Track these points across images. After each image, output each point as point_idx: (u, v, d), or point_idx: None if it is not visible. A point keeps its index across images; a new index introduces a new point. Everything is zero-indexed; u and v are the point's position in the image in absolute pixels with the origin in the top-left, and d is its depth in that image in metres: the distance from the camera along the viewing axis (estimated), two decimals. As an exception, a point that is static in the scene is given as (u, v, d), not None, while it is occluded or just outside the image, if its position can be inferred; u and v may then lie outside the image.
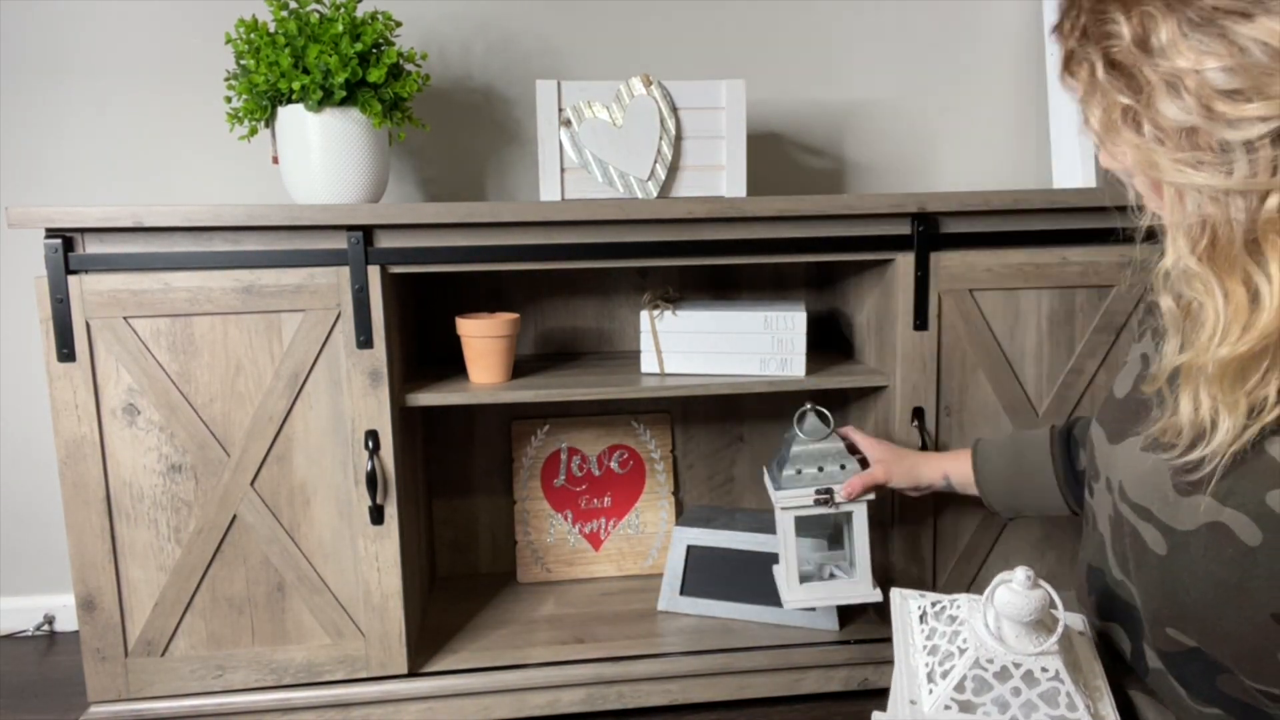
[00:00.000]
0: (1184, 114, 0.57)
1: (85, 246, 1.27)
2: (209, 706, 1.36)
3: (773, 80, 1.82)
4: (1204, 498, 0.64)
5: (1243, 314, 0.58)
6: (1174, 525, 0.66)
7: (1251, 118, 0.55)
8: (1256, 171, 0.56)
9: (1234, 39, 0.55)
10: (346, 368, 1.33)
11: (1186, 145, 0.58)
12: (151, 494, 1.32)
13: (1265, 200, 0.56)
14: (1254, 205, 0.56)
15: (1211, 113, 0.56)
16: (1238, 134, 0.56)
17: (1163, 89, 0.57)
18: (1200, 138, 0.57)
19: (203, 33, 1.68)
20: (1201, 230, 0.59)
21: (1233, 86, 0.55)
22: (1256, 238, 0.57)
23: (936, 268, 1.41)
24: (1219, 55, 0.55)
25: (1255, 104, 0.55)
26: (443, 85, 1.75)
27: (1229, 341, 0.59)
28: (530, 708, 1.44)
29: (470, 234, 1.35)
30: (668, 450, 1.81)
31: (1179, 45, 0.56)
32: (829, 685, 1.50)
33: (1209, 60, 0.55)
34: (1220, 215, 0.57)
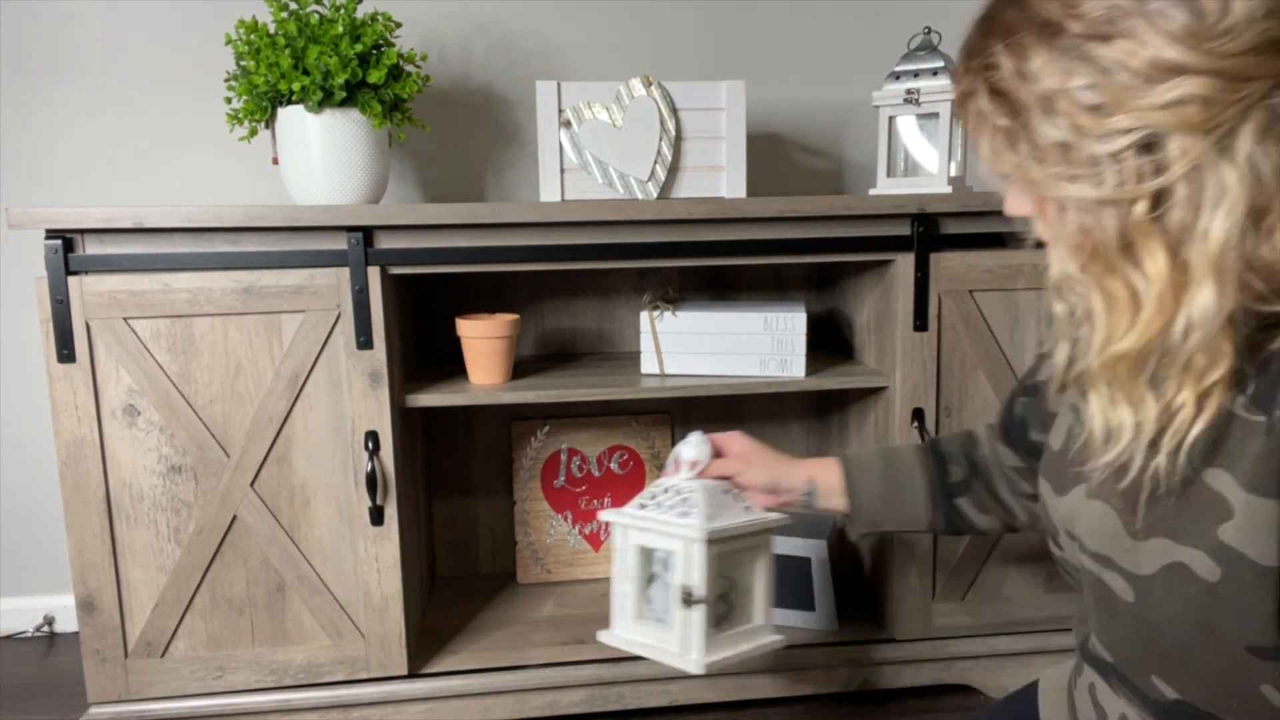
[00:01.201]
0: (1057, 131, 0.62)
1: (85, 247, 1.27)
2: (209, 707, 1.36)
3: (773, 80, 1.82)
4: (1161, 539, 0.65)
5: (1126, 313, 0.62)
6: (1136, 571, 0.67)
7: (1115, 131, 0.60)
8: (1124, 180, 0.60)
9: (1096, 60, 0.60)
10: (346, 368, 1.33)
11: (1062, 161, 0.62)
12: (151, 495, 1.32)
13: (1134, 206, 0.60)
14: (1124, 212, 0.61)
15: (1080, 129, 0.61)
16: (1104, 147, 0.60)
17: (1038, 110, 0.63)
18: (1073, 153, 0.62)
19: (203, 33, 1.68)
20: (1081, 240, 0.63)
21: (1097, 102, 0.60)
22: (1131, 242, 0.61)
23: (936, 268, 1.41)
24: (1083, 75, 0.60)
25: (1117, 117, 0.59)
26: (443, 86, 1.75)
27: (1115, 339, 0.63)
28: (530, 709, 1.44)
29: (470, 235, 1.35)
30: (668, 451, 1.81)
31: (1049, 69, 0.62)
32: (829, 686, 1.50)
33: (1075, 80, 0.61)
34: (1095, 224, 0.62)
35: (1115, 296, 0.63)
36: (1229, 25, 0.57)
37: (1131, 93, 0.59)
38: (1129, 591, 0.68)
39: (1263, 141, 0.58)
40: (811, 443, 1.84)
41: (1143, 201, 0.60)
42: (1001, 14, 0.66)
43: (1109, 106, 0.60)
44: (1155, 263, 0.61)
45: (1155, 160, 0.59)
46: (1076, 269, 0.65)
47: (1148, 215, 0.60)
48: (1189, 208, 0.59)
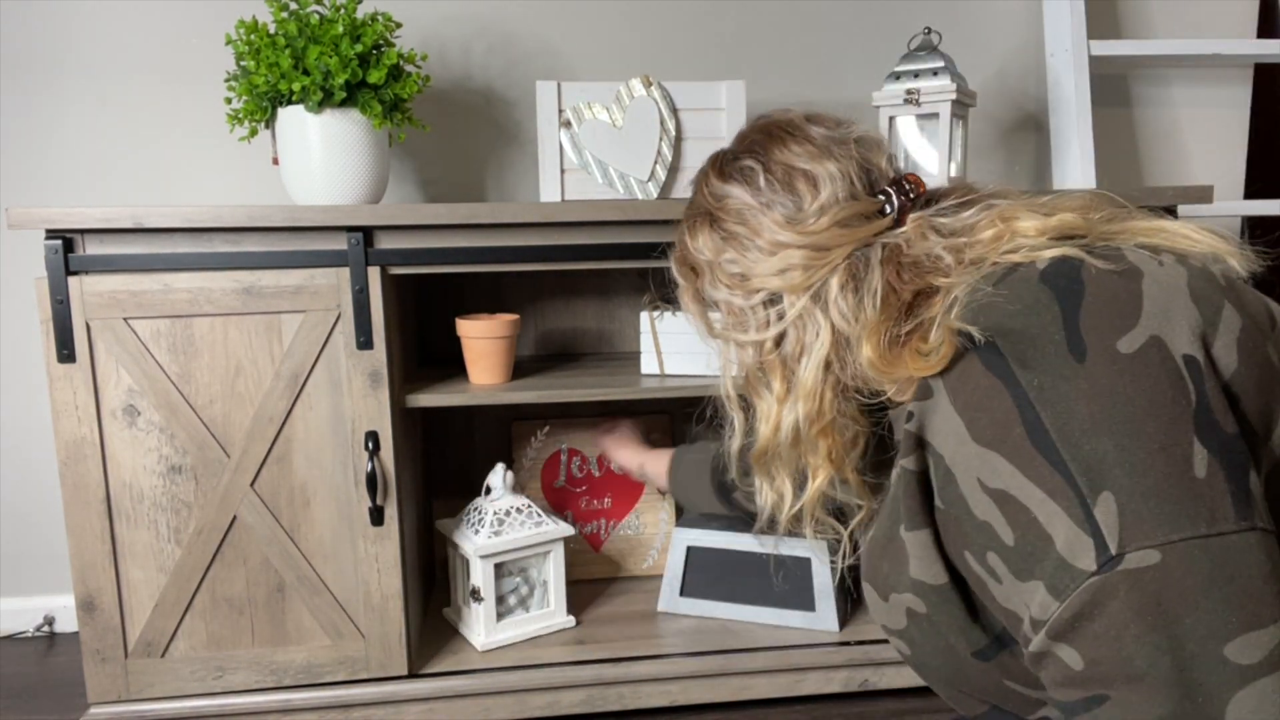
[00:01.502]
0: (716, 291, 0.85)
1: (85, 247, 1.27)
2: (209, 708, 1.36)
3: (773, 80, 1.82)
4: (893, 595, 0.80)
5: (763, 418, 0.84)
6: (896, 627, 0.82)
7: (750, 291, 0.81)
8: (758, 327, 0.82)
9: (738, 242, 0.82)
10: (346, 369, 1.33)
11: (726, 312, 0.85)
12: (151, 495, 1.32)
13: (764, 346, 0.82)
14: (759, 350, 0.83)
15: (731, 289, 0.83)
16: (745, 303, 0.82)
17: (707, 274, 0.85)
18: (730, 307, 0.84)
19: (203, 33, 1.68)
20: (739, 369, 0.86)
21: (738, 271, 0.82)
22: (764, 368, 0.83)
23: (937, 268, 1.41)
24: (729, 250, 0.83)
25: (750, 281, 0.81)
26: (443, 86, 1.75)
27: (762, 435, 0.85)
28: (530, 709, 1.44)
29: (471, 235, 1.35)
30: (668, 451, 1.81)
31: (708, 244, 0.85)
32: (829, 686, 1.50)
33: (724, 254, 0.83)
34: (744, 357, 0.84)
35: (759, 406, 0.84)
36: (816, 208, 0.79)
37: (757, 264, 0.80)
38: (905, 647, 0.83)
39: (843, 292, 0.78)
40: (811, 443, 1.84)
41: (769, 341, 0.81)
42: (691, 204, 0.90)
43: (746, 275, 0.81)
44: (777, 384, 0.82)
45: (777, 311, 0.81)
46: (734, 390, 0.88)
47: (774, 349, 0.81)
48: (797, 342, 0.80)
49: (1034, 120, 1.91)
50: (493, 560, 1.48)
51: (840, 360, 0.79)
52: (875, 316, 0.76)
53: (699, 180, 0.89)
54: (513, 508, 1.52)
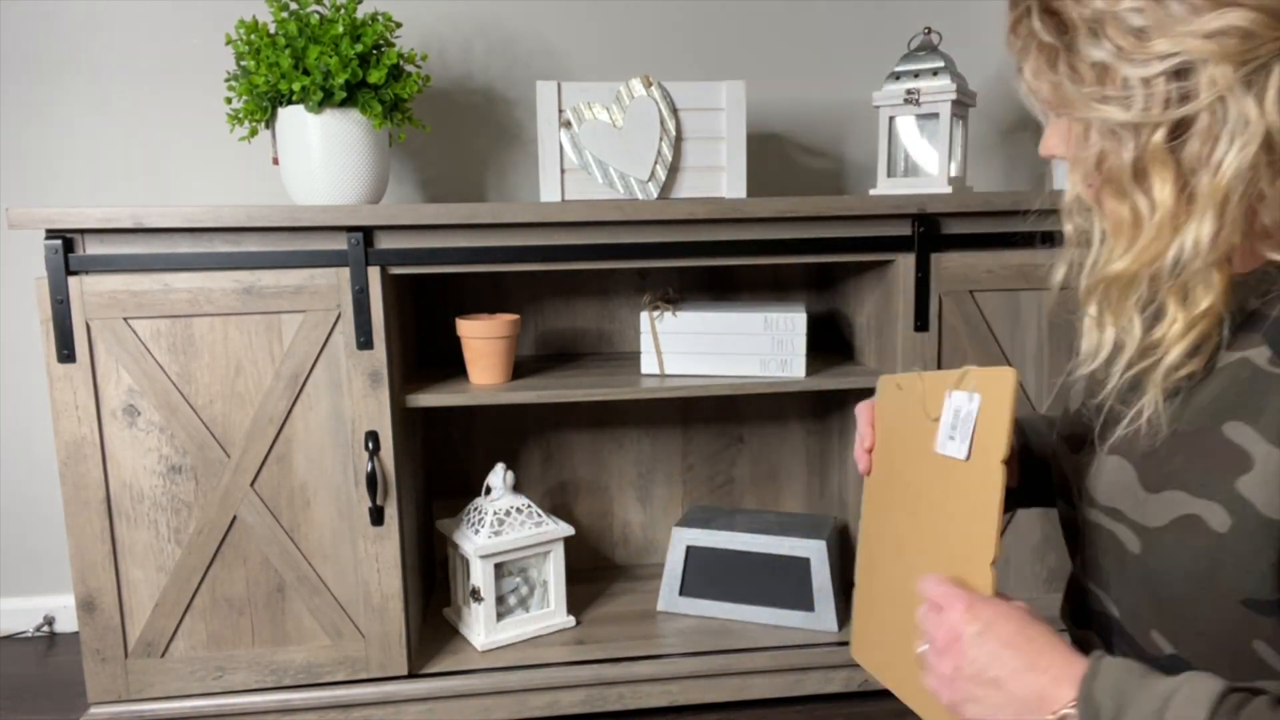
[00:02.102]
0: (1099, 51, 0.63)
1: (85, 247, 1.27)
2: (209, 708, 1.36)
3: (773, 80, 1.82)
4: (1175, 492, 0.67)
5: (1126, 237, 0.65)
6: (1146, 523, 0.69)
7: (1153, 55, 0.61)
8: (1150, 105, 0.62)
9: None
10: (346, 369, 1.33)
11: (1096, 82, 0.64)
12: (152, 495, 1.32)
13: (1154, 133, 0.62)
14: (1144, 138, 0.62)
15: (1120, 50, 0.62)
16: (1139, 70, 0.62)
17: (1084, 29, 0.64)
18: (1109, 74, 0.63)
19: (203, 33, 1.68)
20: (1096, 163, 0.66)
21: (1141, 24, 0.61)
22: (1144, 169, 0.63)
23: (937, 269, 1.41)
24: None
25: (1158, 42, 0.61)
26: (443, 86, 1.75)
27: (1110, 261, 0.66)
28: (530, 709, 1.44)
29: (471, 235, 1.35)
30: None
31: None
32: (829, 686, 1.49)
33: (1124, 2, 0.62)
34: (1113, 148, 0.64)
35: (1119, 220, 0.65)
36: None
37: (1177, 19, 0.60)
38: (1136, 544, 0.70)
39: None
40: (811, 443, 1.84)
41: (1163, 129, 0.62)
42: None
43: (1152, 30, 0.61)
44: (1163, 191, 0.63)
45: (1183, 88, 0.61)
46: (1089, 193, 0.67)
47: (1165, 143, 0.62)
48: (1207, 139, 0.61)
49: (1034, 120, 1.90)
50: (493, 560, 1.48)
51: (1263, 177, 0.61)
52: None
53: None
54: (513, 508, 1.51)
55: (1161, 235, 0.63)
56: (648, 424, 1.81)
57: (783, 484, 1.85)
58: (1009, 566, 1.51)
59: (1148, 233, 0.64)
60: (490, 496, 1.53)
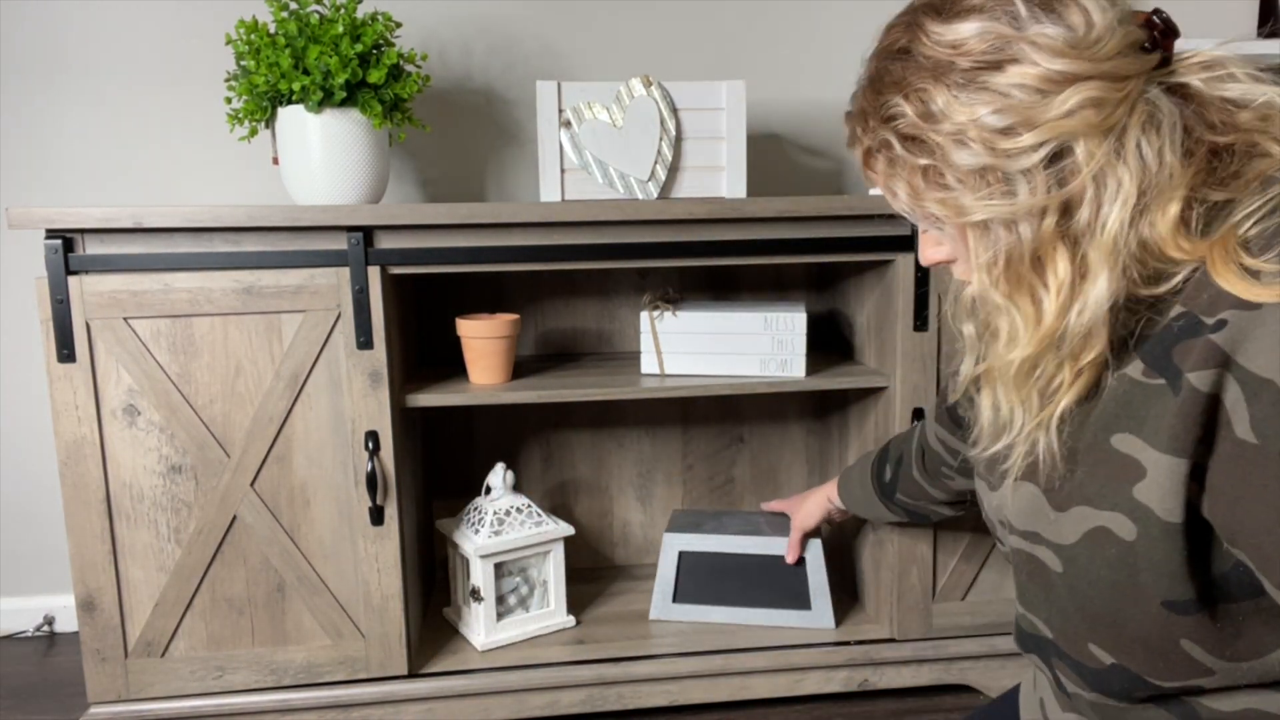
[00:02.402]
0: (974, 158, 0.66)
1: (85, 247, 1.27)
2: (209, 707, 1.36)
3: (773, 80, 1.82)
4: (1080, 507, 0.70)
5: (1030, 322, 0.68)
6: (1061, 541, 0.72)
7: (1026, 147, 0.64)
8: (1036, 193, 0.65)
9: (995, 89, 0.64)
10: (346, 368, 1.33)
11: (982, 184, 0.67)
12: (151, 495, 1.32)
13: (1044, 218, 0.65)
14: (1036, 225, 0.65)
15: (995, 150, 0.65)
16: (1017, 164, 0.65)
17: (951, 144, 0.67)
18: (990, 174, 0.66)
19: (203, 33, 1.68)
20: (998, 258, 0.68)
21: (1006, 124, 0.64)
22: (1040, 255, 0.66)
23: (937, 269, 1.41)
24: (987, 103, 0.65)
25: (1026, 135, 0.64)
26: (443, 86, 1.75)
27: (1019, 347, 0.69)
28: (530, 709, 1.44)
29: (471, 235, 1.35)
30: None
31: (954, 106, 0.66)
32: (829, 686, 1.50)
33: (980, 109, 0.65)
34: (1012, 239, 0.67)
35: (1022, 309, 0.68)
36: (1098, 33, 0.63)
37: (1035, 109, 0.64)
38: (1057, 562, 0.73)
39: (1145, 133, 0.63)
40: (811, 443, 1.84)
41: (1053, 212, 0.65)
42: (888, 70, 0.70)
43: (1017, 126, 0.64)
44: (1058, 269, 0.66)
45: (1062, 169, 0.64)
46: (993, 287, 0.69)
47: (1055, 224, 0.65)
48: (1092, 207, 0.64)
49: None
50: (493, 560, 1.48)
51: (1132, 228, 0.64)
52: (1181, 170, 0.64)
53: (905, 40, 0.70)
54: (513, 507, 1.51)
55: (1062, 311, 0.66)
56: (648, 424, 1.81)
57: (783, 484, 1.85)
58: (1008, 566, 1.51)
59: (1050, 312, 0.67)
60: (490, 496, 1.53)
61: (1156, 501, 0.65)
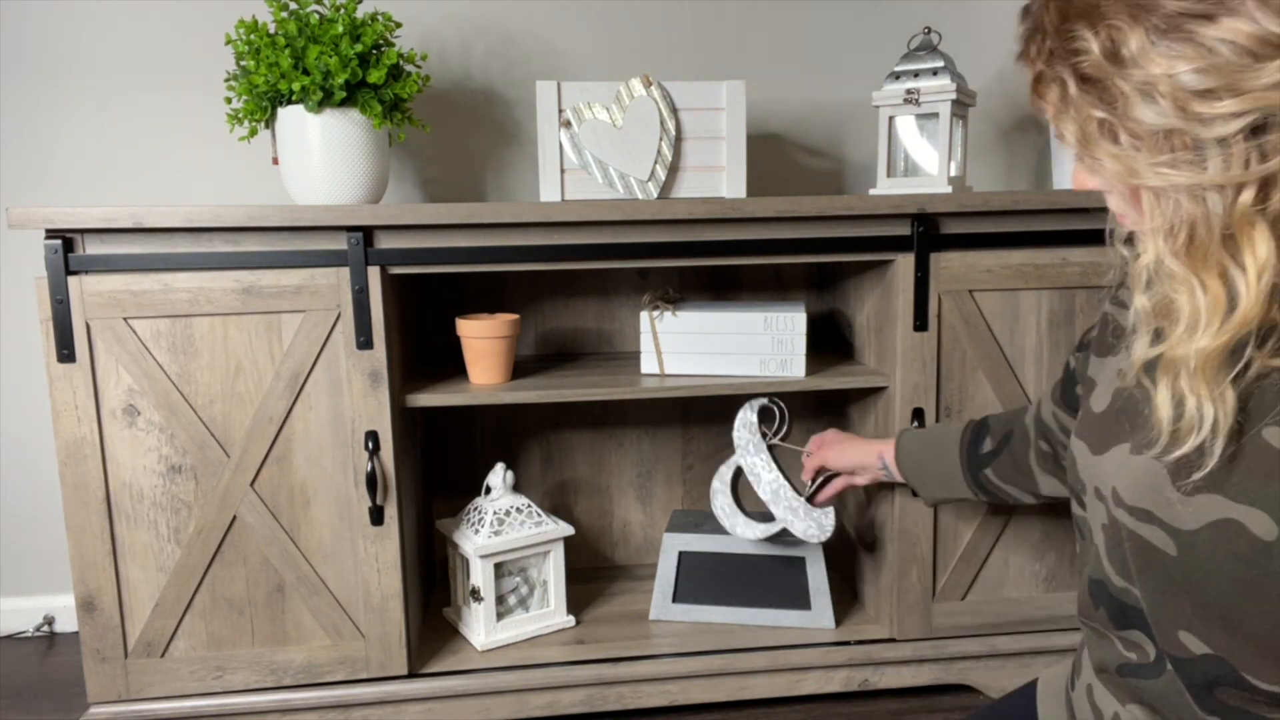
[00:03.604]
0: (1160, 118, 0.59)
1: (85, 247, 1.27)
2: (209, 707, 1.36)
3: (773, 80, 1.82)
4: (1211, 495, 0.64)
5: (1221, 306, 0.60)
6: (1179, 525, 0.66)
7: (1225, 114, 0.57)
8: (1231, 166, 0.57)
9: (1201, 41, 0.57)
10: (346, 368, 1.33)
11: (1164, 148, 0.59)
12: (151, 495, 1.32)
13: (1240, 194, 0.58)
14: (1230, 199, 0.58)
15: (1187, 113, 0.58)
16: (1212, 131, 0.57)
17: (1137, 97, 0.59)
18: (1176, 139, 0.59)
19: (203, 33, 1.68)
20: (1179, 229, 0.60)
21: (1205, 86, 0.57)
22: (1232, 232, 0.59)
23: (936, 268, 1.41)
24: (1189, 58, 0.57)
25: (1227, 101, 0.56)
26: (443, 86, 1.75)
27: (1209, 333, 0.60)
28: (530, 709, 1.44)
29: (471, 235, 1.35)
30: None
31: (1149, 53, 0.58)
32: (829, 686, 1.50)
33: (1180, 64, 0.57)
34: (1198, 212, 0.59)
35: (1210, 290, 0.60)
36: None
37: (1242, 74, 0.56)
38: (1170, 545, 0.67)
39: None
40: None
41: (1250, 188, 0.57)
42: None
43: (1219, 90, 0.57)
44: (1258, 252, 0.58)
45: (1264, 143, 0.57)
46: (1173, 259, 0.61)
47: (1253, 203, 0.58)
48: None
49: (1034, 120, 1.91)
50: (493, 560, 1.48)
51: None
52: None
53: None
54: (513, 507, 1.51)
55: (1262, 298, 0.59)
56: (648, 424, 1.81)
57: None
58: (1008, 566, 1.51)
59: (1246, 300, 0.59)
60: (490, 496, 1.53)
61: None
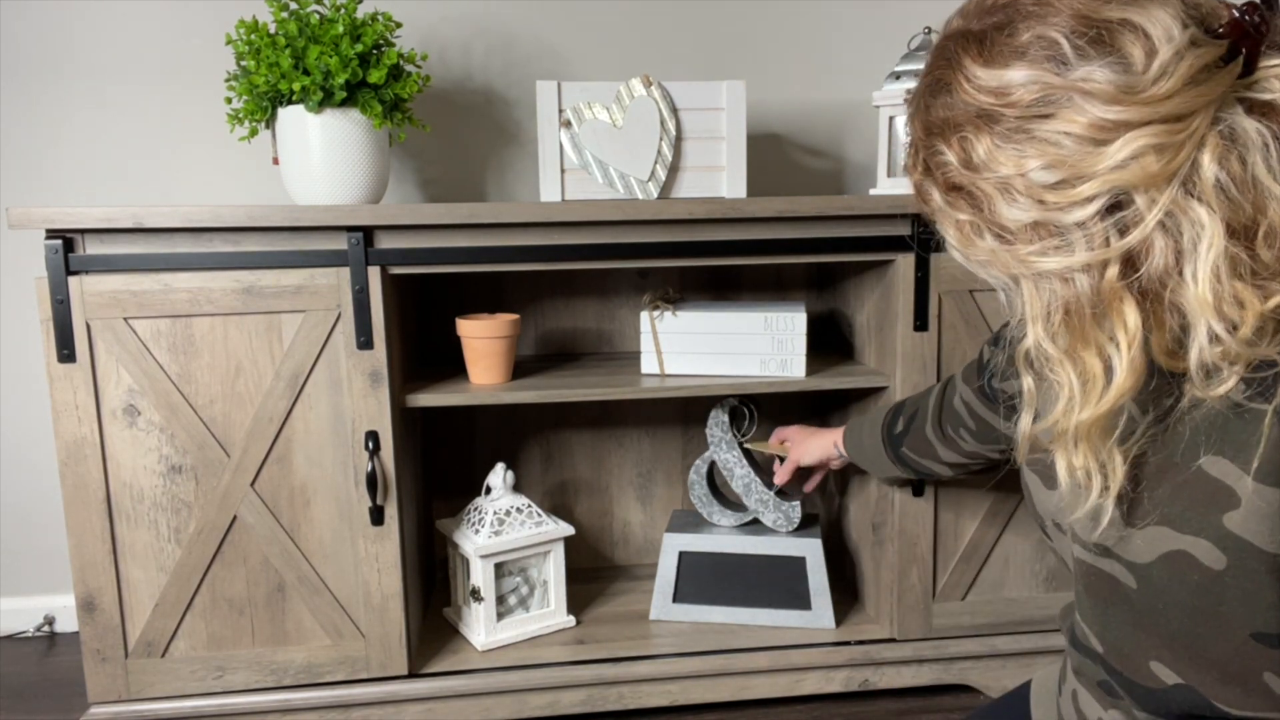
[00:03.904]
0: (1023, 212, 0.62)
1: (86, 247, 1.27)
2: (209, 708, 1.36)
3: (773, 80, 1.82)
4: (1160, 528, 0.65)
5: (1098, 381, 0.63)
6: (1134, 559, 0.68)
7: (1080, 200, 0.60)
8: (1094, 246, 0.60)
9: (1044, 138, 0.60)
10: (347, 368, 1.33)
11: (1033, 238, 0.63)
12: (152, 495, 1.32)
13: (1105, 271, 0.60)
14: (1097, 278, 0.61)
15: (1045, 205, 0.61)
16: (1071, 217, 0.60)
17: (998, 196, 0.63)
18: (1041, 229, 0.62)
19: (203, 33, 1.68)
20: (1054, 313, 0.64)
21: (1056, 178, 0.60)
22: (1103, 309, 0.61)
23: (936, 269, 1.41)
24: (1035, 155, 0.61)
25: (1080, 187, 0.60)
26: (443, 86, 1.75)
27: (1089, 406, 0.63)
28: (531, 709, 1.44)
29: (471, 235, 1.35)
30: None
31: (997, 156, 0.62)
32: (829, 686, 1.50)
33: (1029, 162, 0.61)
34: (1070, 294, 0.62)
35: (1088, 367, 0.63)
36: (1159, 68, 0.57)
37: (1085, 160, 0.59)
38: (1130, 579, 0.68)
39: (1224, 165, 0.58)
40: (811, 443, 1.84)
41: (1114, 264, 0.60)
42: (933, 111, 0.66)
43: (1069, 179, 0.60)
44: (1128, 324, 0.61)
45: (1123, 219, 0.59)
46: (1049, 341, 0.65)
47: (1119, 278, 0.60)
48: (1170, 254, 0.59)
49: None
50: (493, 560, 1.48)
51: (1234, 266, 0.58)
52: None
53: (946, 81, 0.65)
54: (513, 507, 1.51)
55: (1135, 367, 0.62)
56: (648, 424, 1.81)
57: (783, 484, 1.85)
58: (1008, 566, 1.51)
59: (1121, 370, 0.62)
60: (490, 496, 1.53)
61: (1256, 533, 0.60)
